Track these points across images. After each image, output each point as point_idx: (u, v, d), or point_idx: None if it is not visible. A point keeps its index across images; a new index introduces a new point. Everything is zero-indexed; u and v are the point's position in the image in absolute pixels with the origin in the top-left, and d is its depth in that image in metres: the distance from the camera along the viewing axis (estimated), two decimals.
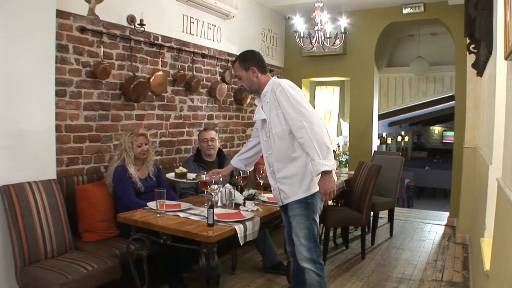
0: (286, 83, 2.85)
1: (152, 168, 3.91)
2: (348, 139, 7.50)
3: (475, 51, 4.27)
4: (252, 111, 6.45)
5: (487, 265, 2.39)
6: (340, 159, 6.24)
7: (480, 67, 4.21)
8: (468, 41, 4.49)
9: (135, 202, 3.56)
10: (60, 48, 3.69)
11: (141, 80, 4.40)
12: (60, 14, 3.64)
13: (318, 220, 2.92)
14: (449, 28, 6.30)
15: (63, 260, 3.09)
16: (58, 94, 3.67)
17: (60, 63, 3.69)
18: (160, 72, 4.66)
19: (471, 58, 4.64)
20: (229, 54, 5.90)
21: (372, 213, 5.39)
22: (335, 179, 2.81)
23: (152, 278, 3.43)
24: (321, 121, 2.76)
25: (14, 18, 3.09)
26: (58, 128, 3.66)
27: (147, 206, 3.37)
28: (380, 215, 5.81)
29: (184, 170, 3.89)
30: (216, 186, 3.22)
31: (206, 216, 2.90)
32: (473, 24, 3.82)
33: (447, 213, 6.77)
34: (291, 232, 2.98)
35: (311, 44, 5.04)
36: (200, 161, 4.35)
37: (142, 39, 4.50)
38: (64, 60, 3.73)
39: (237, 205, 3.47)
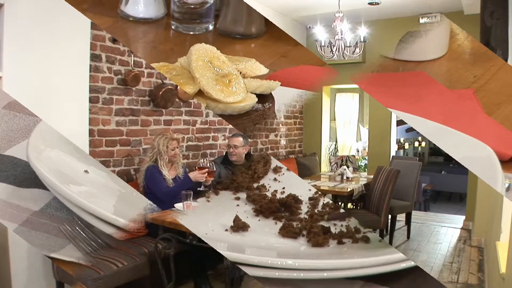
0: None
1: (181, 170, 4.11)
2: (367, 144, 7.61)
3: None
4: None
5: (503, 268, 2.47)
6: (359, 163, 6.37)
7: None
8: None
9: (167, 193, 3.80)
10: (94, 57, 3.92)
11: (169, 87, 4.60)
12: (94, 25, 3.85)
13: None
14: None
15: (96, 256, 3.28)
16: (92, 100, 3.90)
17: (94, 71, 3.92)
18: None
19: None
20: None
21: (390, 216, 5.49)
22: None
23: (179, 276, 3.57)
24: None
25: (53, 30, 3.37)
26: (91, 133, 3.90)
27: (174, 207, 3.53)
28: (397, 218, 5.91)
29: None
30: None
31: None
32: (488, 33, 3.93)
33: (463, 217, 6.83)
34: None
35: (332, 53, 5.20)
36: (228, 163, 4.52)
37: None
38: (97, 69, 3.95)
39: None
